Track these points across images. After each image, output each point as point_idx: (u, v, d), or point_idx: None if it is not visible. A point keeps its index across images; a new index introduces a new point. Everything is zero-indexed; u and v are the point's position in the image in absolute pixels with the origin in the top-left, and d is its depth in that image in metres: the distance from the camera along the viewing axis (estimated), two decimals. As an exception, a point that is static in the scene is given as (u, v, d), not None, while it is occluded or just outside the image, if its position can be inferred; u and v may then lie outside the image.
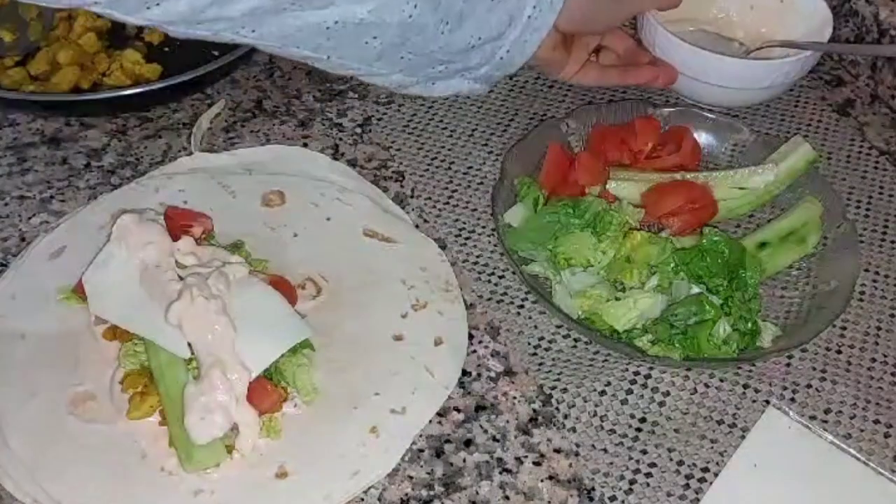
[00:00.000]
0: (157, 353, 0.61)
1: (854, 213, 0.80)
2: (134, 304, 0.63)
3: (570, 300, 0.69)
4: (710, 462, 0.63)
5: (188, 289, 0.61)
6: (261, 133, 0.84)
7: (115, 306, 0.63)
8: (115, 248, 0.65)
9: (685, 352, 0.65)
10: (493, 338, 0.69)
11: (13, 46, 0.87)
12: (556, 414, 0.65)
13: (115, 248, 0.65)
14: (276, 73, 0.91)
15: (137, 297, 0.63)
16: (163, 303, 0.61)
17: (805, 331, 0.68)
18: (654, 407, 0.65)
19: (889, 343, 0.71)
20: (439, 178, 0.81)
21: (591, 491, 0.61)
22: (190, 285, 0.61)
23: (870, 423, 0.65)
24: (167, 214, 0.69)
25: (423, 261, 0.72)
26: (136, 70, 0.86)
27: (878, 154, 0.87)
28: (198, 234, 0.68)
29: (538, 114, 0.88)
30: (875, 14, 0.92)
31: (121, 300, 0.63)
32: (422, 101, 0.88)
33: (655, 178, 0.77)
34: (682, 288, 0.69)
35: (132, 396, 0.61)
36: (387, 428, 0.62)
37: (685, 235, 0.74)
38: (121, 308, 0.63)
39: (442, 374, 0.65)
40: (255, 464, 0.59)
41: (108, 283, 0.64)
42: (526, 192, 0.74)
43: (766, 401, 0.66)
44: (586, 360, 0.68)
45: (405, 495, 0.60)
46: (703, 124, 0.82)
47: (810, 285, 0.73)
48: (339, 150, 0.83)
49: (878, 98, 0.93)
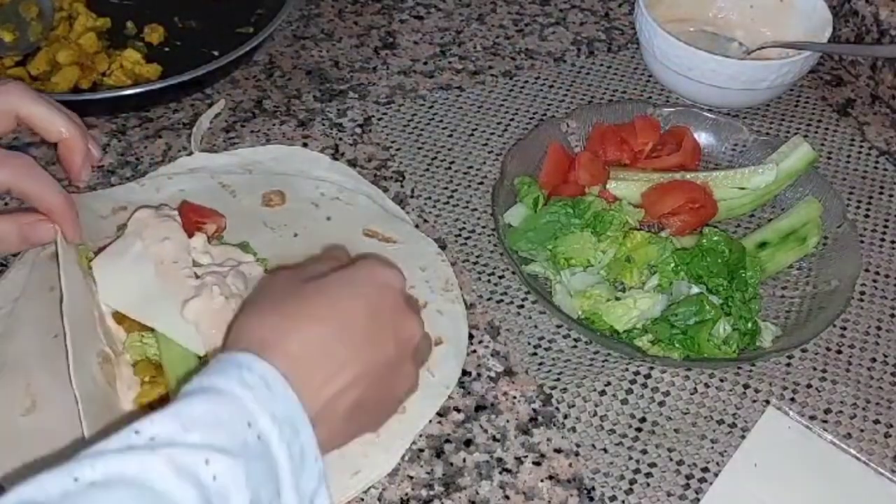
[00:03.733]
0: (169, 347, 0.61)
1: (854, 213, 0.80)
2: (148, 297, 0.63)
3: (570, 300, 0.69)
4: (710, 462, 0.63)
5: (208, 287, 0.61)
6: (261, 133, 0.84)
7: (127, 296, 0.63)
8: (130, 241, 0.65)
9: (685, 352, 0.65)
10: (493, 338, 0.69)
11: (13, 46, 0.87)
12: (556, 414, 0.65)
13: (131, 241, 0.65)
14: (276, 73, 0.91)
15: (153, 289, 0.63)
16: (178, 298, 0.62)
17: (805, 331, 0.68)
18: (654, 407, 0.65)
19: (889, 343, 0.71)
20: (439, 178, 0.81)
21: (591, 491, 0.61)
22: (209, 284, 0.61)
23: (870, 423, 0.65)
24: (182, 209, 0.70)
25: (423, 261, 0.72)
26: (136, 70, 0.86)
27: (878, 154, 0.87)
28: (210, 232, 0.68)
29: (538, 114, 0.88)
30: (875, 14, 0.92)
31: (134, 291, 0.63)
32: (422, 101, 0.88)
33: (655, 178, 0.77)
34: (682, 288, 0.69)
35: (143, 383, 0.61)
36: (387, 428, 0.61)
37: (685, 235, 0.74)
38: (133, 299, 0.63)
39: (442, 374, 0.65)
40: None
41: (120, 272, 0.64)
42: (526, 192, 0.74)
43: (766, 401, 0.66)
44: (586, 360, 0.68)
45: (405, 495, 0.60)
46: (703, 124, 0.82)
47: (810, 285, 0.73)
48: (339, 150, 0.83)
49: (878, 98, 0.93)
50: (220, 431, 0.43)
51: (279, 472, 0.44)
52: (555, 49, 0.96)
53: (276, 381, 0.46)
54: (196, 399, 0.44)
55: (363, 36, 0.96)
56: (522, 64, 0.94)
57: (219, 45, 0.88)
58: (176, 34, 0.92)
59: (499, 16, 1.00)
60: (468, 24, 0.99)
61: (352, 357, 0.50)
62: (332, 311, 0.51)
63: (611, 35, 0.99)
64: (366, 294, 0.53)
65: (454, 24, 0.99)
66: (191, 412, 0.43)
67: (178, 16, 0.94)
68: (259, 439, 0.44)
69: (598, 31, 0.99)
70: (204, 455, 0.41)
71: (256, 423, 0.44)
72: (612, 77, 0.93)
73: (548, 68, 0.94)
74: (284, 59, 0.92)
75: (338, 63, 0.93)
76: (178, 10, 0.94)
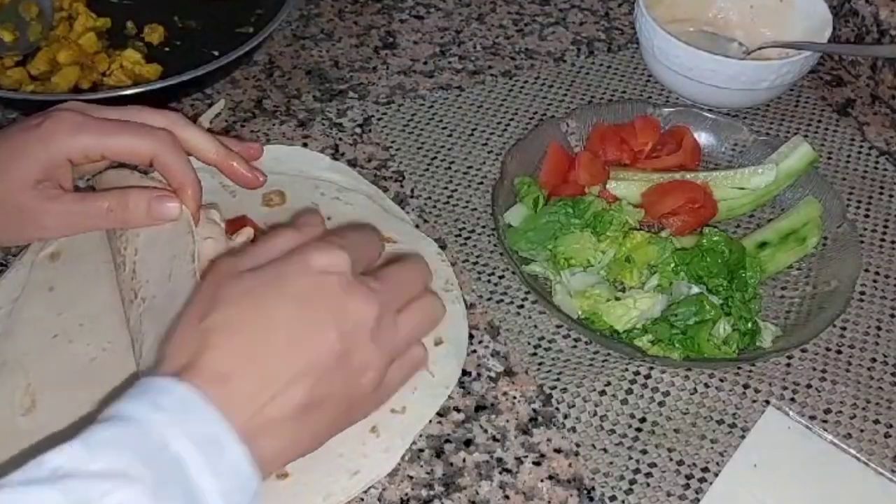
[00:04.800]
0: None
1: (854, 213, 0.80)
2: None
3: (570, 300, 0.69)
4: (710, 462, 0.63)
5: None
6: (261, 133, 0.84)
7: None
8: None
9: (685, 352, 0.65)
10: (493, 338, 0.69)
11: (13, 46, 0.87)
12: (556, 414, 0.65)
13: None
14: (276, 73, 0.91)
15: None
16: None
17: (805, 331, 0.68)
18: (654, 407, 0.65)
19: (889, 343, 0.71)
20: (439, 178, 0.81)
21: (591, 491, 0.61)
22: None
23: (870, 423, 0.65)
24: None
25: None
26: (136, 70, 0.86)
27: (878, 154, 0.87)
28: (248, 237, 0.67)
29: (538, 114, 0.88)
30: (875, 14, 0.92)
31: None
32: (422, 101, 0.88)
33: (655, 178, 0.77)
34: (682, 288, 0.69)
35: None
36: (387, 428, 0.61)
37: (685, 235, 0.74)
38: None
39: (442, 374, 0.65)
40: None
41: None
42: (526, 192, 0.74)
43: (766, 401, 0.66)
44: (586, 360, 0.68)
45: (405, 495, 0.60)
46: (703, 124, 0.82)
47: (810, 285, 0.73)
48: (339, 150, 0.83)
49: (878, 98, 0.93)
50: (127, 458, 0.42)
51: (199, 493, 0.43)
52: (555, 49, 0.96)
53: (194, 402, 0.45)
54: (104, 426, 0.43)
55: (363, 36, 0.96)
56: (522, 64, 0.94)
57: (219, 45, 0.88)
58: (176, 34, 0.92)
59: (499, 16, 1.00)
60: (468, 24, 0.99)
61: (283, 359, 0.49)
62: (256, 314, 0.49)
63: (611, 35, 0.99)
64: (295, 288, 0.50)
65: (454, 23, 0.99)
66: (98, 439, 0.42)
67: (178, 16, 0.94)
68: (174, 462, 0.43)
69: (598, 31, 0.99)
70: (107, 484, 0.40)
71: (168, 447, 0.43)
72: (612, 77, 0.93)
73: (548, 68, 0.94)
74: (284, 59, 0.92)
75: (338, 63, 0.93)
76: (178, 10, 0.94)
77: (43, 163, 0.62)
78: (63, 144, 0.62)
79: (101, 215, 0.63)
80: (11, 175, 0.62)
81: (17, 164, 0.62)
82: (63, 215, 0.63)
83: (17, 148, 0.62)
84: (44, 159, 0.62)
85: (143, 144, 0.63)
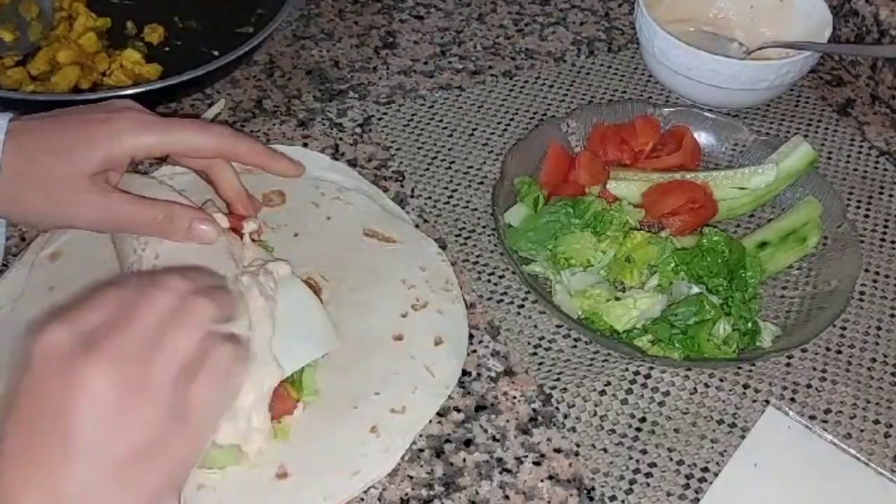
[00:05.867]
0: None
1: (854, 213, 0.80)
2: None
3: (570, 300, 0.69)
4: (710, 462, 0.63)
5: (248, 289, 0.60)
6: (261, 133, 0.84)
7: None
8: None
9: (685, 352, 0.65)
10: (493, 338, 0.69)
11: (13, 46, 0.87)
12: (556, 414, 0.65)
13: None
14: (276, 73, 0.91)
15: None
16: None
17: (805, 331, 0.68)
18: (654, 407, 0.65)
19: (889, 343, 0.71)
20: (439, 178, 0.81)
21: (591, 491, 0.61)
22: (250, 286, 0.60)
23: (870, 423, 0.65)
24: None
25: (423, 260, 0.72)
26: (136, 70, 0.86)
27: (878, 154, 0.87)
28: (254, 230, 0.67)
29: (538, 114, 0.88)
30: (875, 14, 0.92)
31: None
32: (422, 101, 0.88)
33: (655, 178, 0.77)
34: (682, 288, 0.69)
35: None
36: (387, 428, 0.61)
37: (685, 235, 0.74)
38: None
39: (442, 373, 0.65)
40: (257, 464, 0.59)
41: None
42: (526, 192, 0.74)
43: (766, 401, 0.66)
44: (586, 360, 0.68)
45: (405, 495, 0.60)
46: (703, 124, 0.82)
47: (810, 285, 0.73)
48: (339, 150, 0.83)
49: (878, 98, 0.93)
50: None
51: None
52: (555, 49, 0.96)
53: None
54: None
55: (363, 36, 0.96)
56: (522, 64, 0.94)
57: (219, 45, 0.88)
58: (176, 34, 0.92)
59: (499, 16, 1.00)
60: (468, 24, 0.99)
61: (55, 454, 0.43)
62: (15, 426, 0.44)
63: (611, 35, 0.99)
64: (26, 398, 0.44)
65: (454, 23, 0.99)
66: None
67: (178, 16, 0.94)
68: None
69: (598, 31, 0.99)
70: None
71: None
72: (612, 77, 0.93)
73: (548, 68, 0.94)
74: (284, 58, 0.92)
75: (338, 63, 0.93)
76: (178, 10, 0.94)
77: (106, 157, 0.62)
78: (130, 142, 0.63)
79: (147, 223, 0.63)
80: (75, 160, 0.62)
81: (83, 151, 0.62)
82: (108, 212, 0.63)
83: (86, 136, 0.62)
84: (108, 154, 0.62)
85: (207, 140, 0.65)
